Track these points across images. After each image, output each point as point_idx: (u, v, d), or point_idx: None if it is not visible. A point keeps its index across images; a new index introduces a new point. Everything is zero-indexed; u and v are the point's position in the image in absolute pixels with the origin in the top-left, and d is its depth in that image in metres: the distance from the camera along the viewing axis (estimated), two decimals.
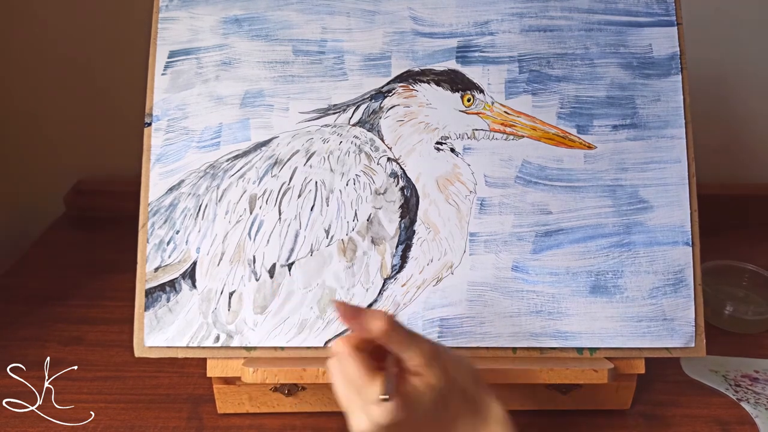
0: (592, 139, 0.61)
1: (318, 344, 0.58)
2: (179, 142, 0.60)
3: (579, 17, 0.62)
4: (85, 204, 0.99)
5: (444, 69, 0.61)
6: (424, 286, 0.59)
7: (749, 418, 0.64)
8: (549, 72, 0.61)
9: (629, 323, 0.59)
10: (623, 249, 0.60)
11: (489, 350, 0.59)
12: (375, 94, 0.61)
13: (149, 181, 0.60)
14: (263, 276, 0.58)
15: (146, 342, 0.58)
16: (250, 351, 0.59)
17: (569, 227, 0.60)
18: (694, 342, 0.60)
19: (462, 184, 0.60)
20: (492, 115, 0.61)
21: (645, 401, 0.65)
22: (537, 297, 0.59)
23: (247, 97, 0.61)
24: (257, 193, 0.59)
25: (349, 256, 0.59)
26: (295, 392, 0.62)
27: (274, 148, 0.60)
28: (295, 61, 0.61)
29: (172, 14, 0.62)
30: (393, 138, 0.61)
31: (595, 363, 0.59)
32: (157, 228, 0.59)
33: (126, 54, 0.88)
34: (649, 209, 0.60)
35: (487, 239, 0.60)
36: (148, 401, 0.65)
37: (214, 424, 0.62)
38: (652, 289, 0.60)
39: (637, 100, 0.61)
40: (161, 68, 0.61)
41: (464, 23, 0.62)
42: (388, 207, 0.59)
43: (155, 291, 0.59)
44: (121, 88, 0.93)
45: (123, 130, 0.89)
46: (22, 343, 0.73)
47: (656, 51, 0.62)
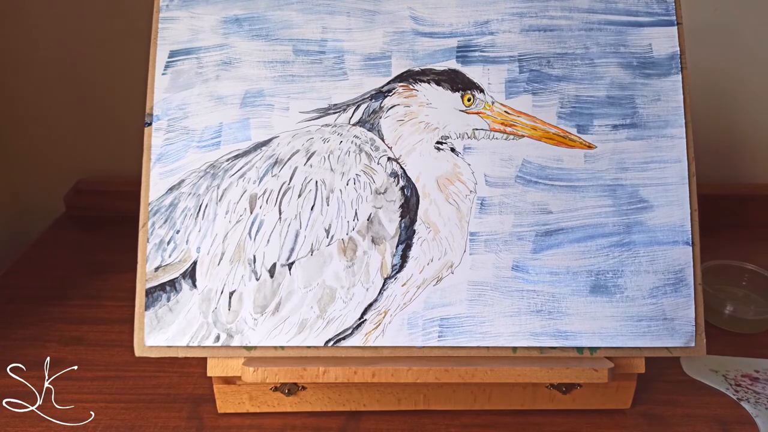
0: (592, 139, 0.61)
1: (318, 344, 0.59)
2: (179, 142, 0.60)
3: (579, 17, 0.62)
4: (85, 204, 0.99)
5: (444, 69, 0.61)
6: (424, 285, 0.59)
7: (749, 418, 0.64)
8: (549, 72, 0.61)
9: (629, 323, 0.59)
10: (623, 248, 0.60)
11: (489, 350, 0.59)
12: (375, 93, 0.61)
13: (149, 181, 0.60)
14: (263, 276, 0.58)
15: (146, 342, 0.58)
16: (250, 350, 0.59)
17: (569, 227, 0.60)
18: (694, 342, 0.60)
19: (462, 184, 0.60)
20: (492, 114, 0.61)
21: (645, 401, 0.65)
22: (537, 296, 0.59)
23: (247, 97, 0.61)
24: (257, 193, 0.59)
25: (350, 256, 0.59)
26: (295, 392, 0.62)
27: (274, 147, 0.60)
28: (296, 60, 0.61)
29: (173, 14, 0.62)
30: (393, 137, 0.61)
31: (595, 362, 0.59)
32: (157, 228, 0.59)
33: (126, 54, 0.88)
34: (649, 209, 0.61)
35: (487, 239, 0.60)
36: (148, 401, 0.65)
37: (214, 423, 0.62)
38: (652, 288, 0.60)
39: (637, 99, 0.61)
40: (161, 68, 0.61)
41: (464, 23, 0.62)
42: (388, 206, 0.59)
43: (155, 291, 0.59)
44: (121, 88, 0.93)
45: (123, 130, 0.90)
46: (22, 343, 0.73)
47: (656, 51, 0.62)
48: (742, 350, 0.73)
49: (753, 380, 0.69)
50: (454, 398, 0.63)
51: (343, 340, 0.59)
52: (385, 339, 0.59)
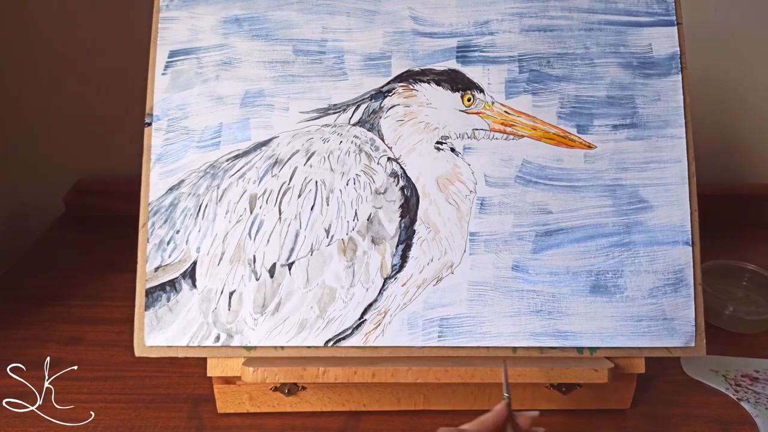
0: (592, 139, 0.61)
1: (318, 344, 0.58)
2: (179, 142, 0.60)
3: (579, 17, 0.62)
4: (85, 204, 0.99)
5: (444, 69, 0.61)
6: (424, 285, 0.59)
7: (749, 418, 0.64)
8: (549, 72, 0.61)
9: (629, 323, 0.59)
10: (623, 249, 0.60)
11: (489, 350, 0.59)
12: (375, 93, 0.61)
13: (149, 181, 0.60)
14: (263, 276, 0.58)
15: (146, 342, 0.58)
16: (250, 351, 0.59)
17: (569, 227, 0.60)
18: (694, 342, 0.60)
19: (462, 184, 0.60)
20: (492, 114, 0.61)
21: (645, 401, 0.65)
22: (537, 296, 0.59)
23: (247, 97, 0.61)
24: (257, 193, 0.59)
25: (349, 256, 0.59)
26: (295, 392, 0.62)
27: (274, 147, 0.60)
28: (296, 60, 0.61)
29: (173, 14, 0.62)
30: (393, 138, 0.61)
31: (595, 362, 0.59)
32: (157, 228, 0.59)
33: (126, 54, 0.88)
34: (649, 209, 0.61)
35: (487, 239, 0.60)
36: (148, 401, 0.65)
37: (214, 423, 0.62)
38: (652, 288, 0.60)
39: (637, 99, 0.61)
40: (161, 68, 0.61)
41: (464, 23, 0.62)
42: (388, 207, 0.59)
43: (155, 291, 0.59)
44: (121, 88, 0.92)
45: (123, 130, 0.89)
46: (22, 343, 0.73)
47: (656, 51, 0.62)
48: (742, 350, 0.73)
49: (753, 380, 0.69)
50: (454, 398, 0.63)
51: (343, 340, 0.59)
52: (385, 339, 0.59)
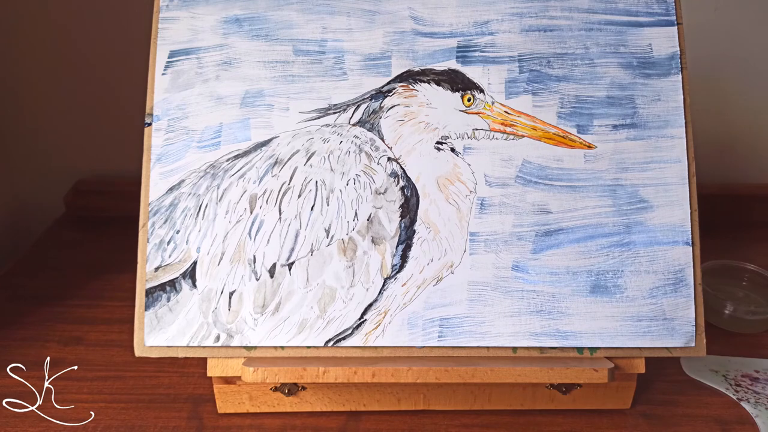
0: (592, 139, 0.61)
1: (318, 344, 0.58)
2: (179, 142, 0.60)
3: (579, 17, 0.62)
4: (85, 204, 0.99)
5: (444, 69, 0.61)
6: (424, 285, 0.59)
7: (749, 418, 0.64)
8: (549, 72, 0.61)
9: (629, 323, 0.59)
10: (623, 249, 0.60)
11: (489, 350, 0.59)
12: (375, 93, 0.61)
13: (149, 181, 0.60)
14: (263, 276, 0.58)
15: (146, 342, 0.58)
16: (250, 351, 0.59)
17: (569, 227, 0.60)
18: (694, 342, 0.60)
19: (462, 184, 0.60)
20: (492, 114, 0.61)
21: (645, 401, 0.65)
22: (537, 296, 0.59)
23: (247, 97, 0.61)
24: (257, 193, 0.59)
25: (350, 256, 0.59)
26: (295, 392, 0.62)
27: (274, 147, 0.60)
28: (296, 60, 0.61)
29: (173, 14, 0.62)
30: (393, 138, 0.61)
31: (595, 362, 0.59)
32: (157, 228, 0.59)
33: (126, 54, 0.88)
34: (649, 209, 0.61)
35: (487, 239, 0.60)
36: (148, 401, 0.65)
37: (214, 423, 0.62)
38: (652, 288, 0.60)
39: (637, 99, 0.61)
40: (161, 68, 0.61)
41: (464, 23, 0.62)
42: (388, 207, 0.59)
43: (155, 291, 0.59)
44: (121, 88, 0.93)
45: (123, 130, 0.90)
46: (22, 343, 0.73)
47: (656, 51, 0.62)
48: (742, 350, 0.73)
49: (753, 380, 0.69)
50: (454, 398, 0.63)
51: (343, 340, 0.59)
52: (385, 339, 0.59)
